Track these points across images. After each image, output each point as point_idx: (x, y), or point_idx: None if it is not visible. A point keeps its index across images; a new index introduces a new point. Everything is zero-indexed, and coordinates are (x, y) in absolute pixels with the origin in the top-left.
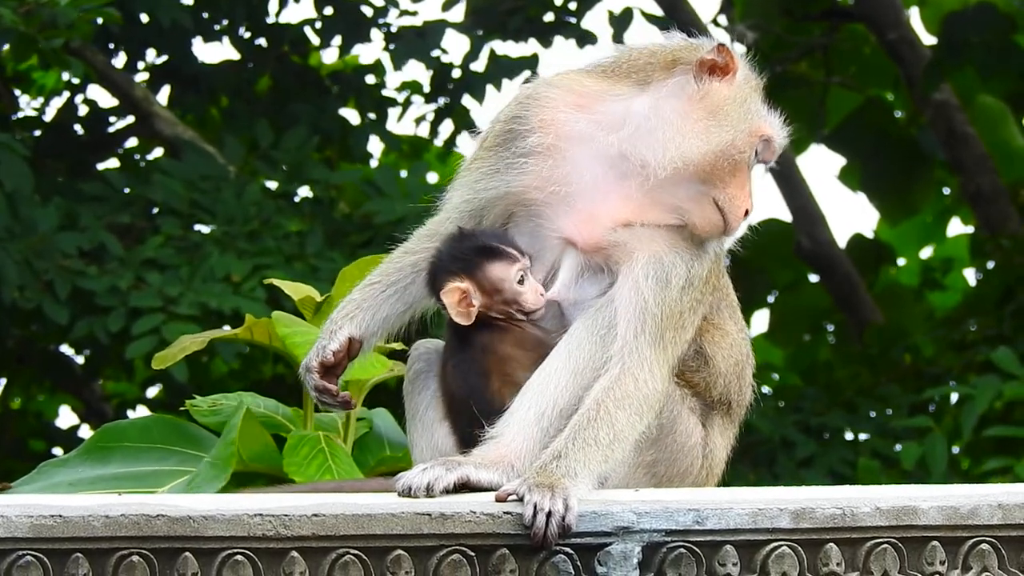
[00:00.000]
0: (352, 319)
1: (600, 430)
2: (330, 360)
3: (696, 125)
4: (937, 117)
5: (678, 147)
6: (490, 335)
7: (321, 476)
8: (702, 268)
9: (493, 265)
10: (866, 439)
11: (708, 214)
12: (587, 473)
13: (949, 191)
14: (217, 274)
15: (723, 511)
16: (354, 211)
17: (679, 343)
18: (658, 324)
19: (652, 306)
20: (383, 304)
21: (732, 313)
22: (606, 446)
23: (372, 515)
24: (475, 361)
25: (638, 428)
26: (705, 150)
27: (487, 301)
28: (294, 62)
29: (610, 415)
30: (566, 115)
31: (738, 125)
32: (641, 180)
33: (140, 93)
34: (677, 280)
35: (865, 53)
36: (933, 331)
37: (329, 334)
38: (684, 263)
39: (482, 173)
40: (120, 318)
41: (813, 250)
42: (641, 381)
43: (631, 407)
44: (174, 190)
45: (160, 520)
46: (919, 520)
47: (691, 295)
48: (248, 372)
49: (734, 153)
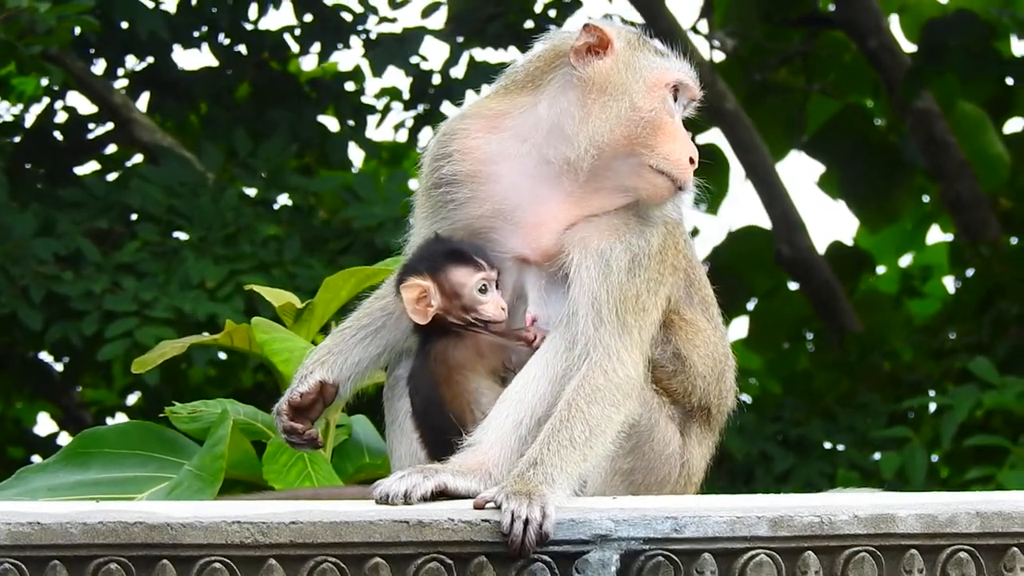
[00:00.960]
0: (323, 364)
1: (574, 429)
2: (298, 401)
3: (594, 107)
4: (917, 124)
5: (587, 134)
6: (445, 343)
7: (300, 483)
8: (647, 244)
9: (457, 269)
10: (844, 449)
11: (652, 181)
12: (565, 478)
13: (929, 198)
14: (192, 280)
15: (701, 519)
16: (333, 218)
17: (645, 326)
18: (614, 311)
19: (601, 295)
20: (355, 348)
21: (706, 309)
22: (583, 444)
23: (350, 522)
24: (428, 370)
25: (616, 419)
26: (611, 125)
27: (446, 304)
28: (273, 69)
29: (583, 412)
30: (482, 140)
31: (633, 87)
32: (571, 178)
33: (119, 99)
34: (619, 262)
35: (845, 60)
36: (912, 338)
37: (300, 378)
38: (623, 244)
39: (427, 213)
40: (94, 322)
41: (793, 257)
42: (610, 371)
43: (604, 400)
44: (152, 196)
45: (138, 527)
46: (897, 528)
47: (643, 275)
48: (228, 379)
49: (643, 114)
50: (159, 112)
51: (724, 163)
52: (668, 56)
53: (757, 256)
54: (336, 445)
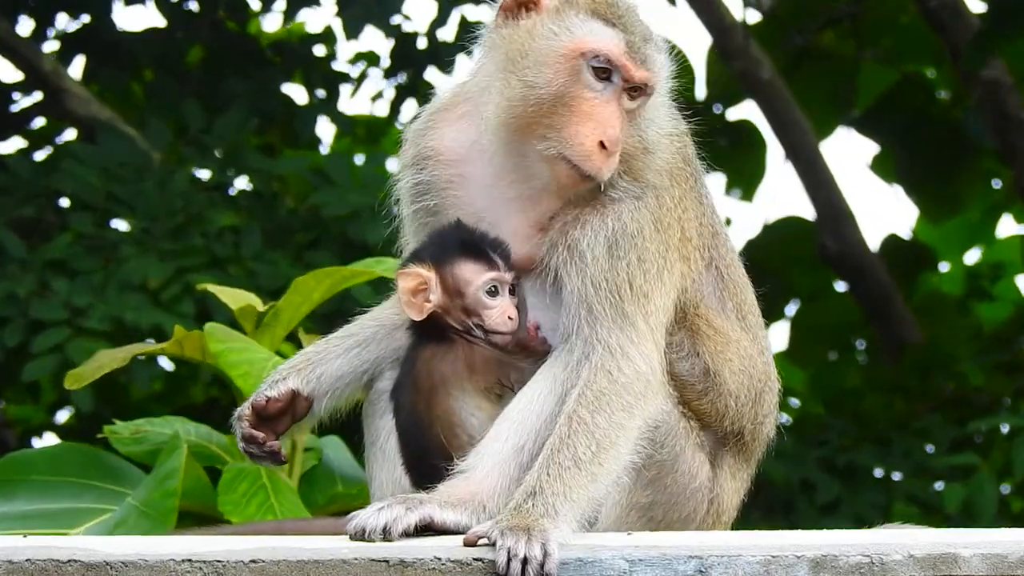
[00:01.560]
0: (299, 372)
1: (578, 446)
2: (263, 407)
3: (502, 79)
4: (986, 98)
5: (493, 112)
6: (433, 351)
7: (262, 517)
8: (623, 223)
9: (465, 264)
10: (900, 479)
11: (555, 168)
12: (570, 507)
13: (1000, 184)
14: (134, 279)
15: (730, 559)
16: (299, 205)
17: (651, 312)
18: (605, 303)
19: (587, 289)
20: (338, 359)
21: (742, 317)
22: (590, 463)
23: (319, 561)
24: (411, 382)
25: (630, 425)
26: (508, 103)
27: (445, 301)
28: (230, 30)
29: (587, 424)
30: (449, 136)
31: (542, 56)
32: (512, 165)
33: (49, 65)
34: (593, 250)
35: (901, 22)
36: (981, 352)
37: (271, 383)
38: (592, 229)
39: (415, 229)
40: (18, 331)
41: (840, 253)
42: (615, 371)
43: (611, 405)
44: (87, 180)
45: (72, 566)
46: (959, 570)
47: (629, 256)
48: (176, 394)
49: (552, 88)
50: (96, 80)
51: (759, 142)
52: (615, 21)
53: (798, 252)
54: (304, 472)
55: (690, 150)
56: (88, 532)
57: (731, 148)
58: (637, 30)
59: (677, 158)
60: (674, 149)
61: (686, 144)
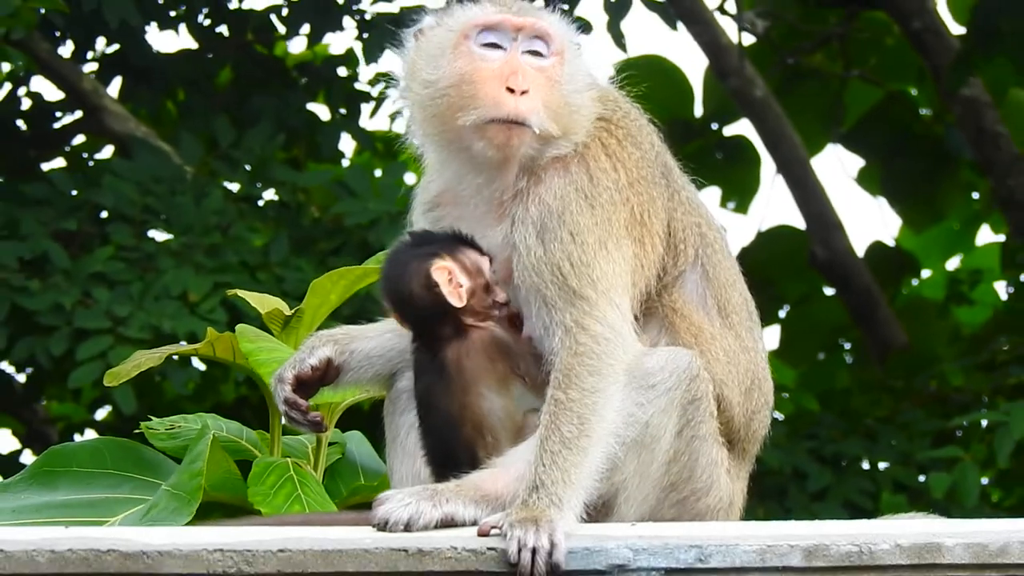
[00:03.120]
0: (336, 342)
1: (563, 428)
2: (307, 374)
3: (411, 97)
4: (965, 114)
5: (422, 129)
6: (457, 350)
7: (289, 507)
8: (548, 204)
9: (467, 249)
10: (887, 468)
11: (488, 136)
12: (572, 492)
13: (978, 195)
14: (172, 291)
15: (728, 547)
16: (323, 215)
17: (598, 277)
18: (552, 286)
19: (534, 279)
20: (376, 339)
21: (726, 315)
22: (577, 438)
23: (343, 551)
24: (447, 383)
25: (603, 388)
26: (423, 110)
27: (471, 283)
28: (258, 52)
29: (563, 403)
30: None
31: (433, 55)
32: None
33: (88, 85)
34: (528, 240)
35: (887, 43)
36: (961, 355)
37: (310, 348)
38: (523, 222)
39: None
40: (64, 340)
41: (829, 260)
42: (575, 344)
43: (579, 376)
44: (125, 194)
45: (111, 556)
46: (944, 558)
47: (560, 234)
48: (207, 393)
49: (452, 74)
50: (132, 100)
51: (754, 156)
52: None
53: (790, 259)
54: (329, 465)
55: (645, 143)
56: (125, 521)
57: (727, 162)
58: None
59: (618, 135)
60: (598, 111)
61: (641, 135)
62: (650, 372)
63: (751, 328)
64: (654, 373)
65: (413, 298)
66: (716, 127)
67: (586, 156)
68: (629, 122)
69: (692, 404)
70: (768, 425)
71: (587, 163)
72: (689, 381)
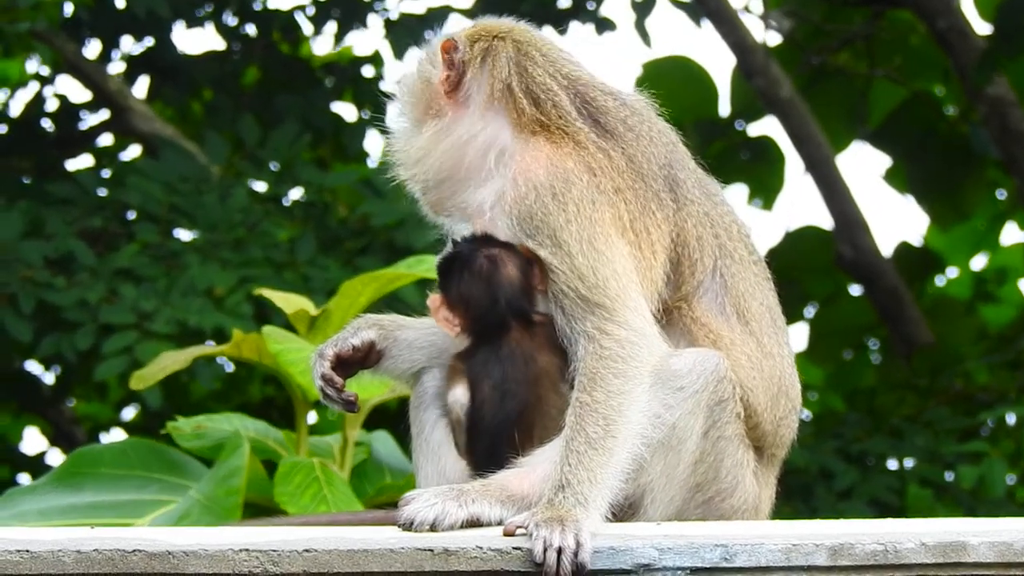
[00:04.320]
0: (383, 328)
1: (588, 428)
2: (347, 352)
3: None
4: (991, 113)
5: None
6: (530, 342)
7: (316, 507)
8: (541, 205)
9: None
10: (913, 466)
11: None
12: (598, 492)
13: (1004, 194)
14: (198, 287)
15: (753, 547)
16: (349, 214)
17: (611, 275)
18: (573, 293)
19: (557, 289)
20: (419, 331)
21: (746, 322)
22: (602, 439)
23: (368, 551)
24: (523, 373)
25: (629, 390)
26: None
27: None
28: (283, 52)
29: (588, 405)
30: None
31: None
32: None
33: (114, 85)
34: (541, 245)
35: (912, 43)
36: (987, 353)
37: (354, 329)
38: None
39: None
40: (89, 335)
41: (855, 259)
42: (599, 349)
43: (604, 378)
44: (151, 193)
45: (136, 556)
46: (968, 557)
47: (564, 237)
48: (233, 393)
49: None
50: (158, 99)
51: (779, 156)
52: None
53: (816, 258)
54: (355, 465)
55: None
56: (153, 523)
57: (752, 161)
58: None
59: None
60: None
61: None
62: (678, 374)
63: (774, 334)
64: (682, 375)
65: (505, 285)
66: (742, 126)
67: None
68: (624, 131)
69: (719, 405)
70: (795, 429)
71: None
72: (716, 383)
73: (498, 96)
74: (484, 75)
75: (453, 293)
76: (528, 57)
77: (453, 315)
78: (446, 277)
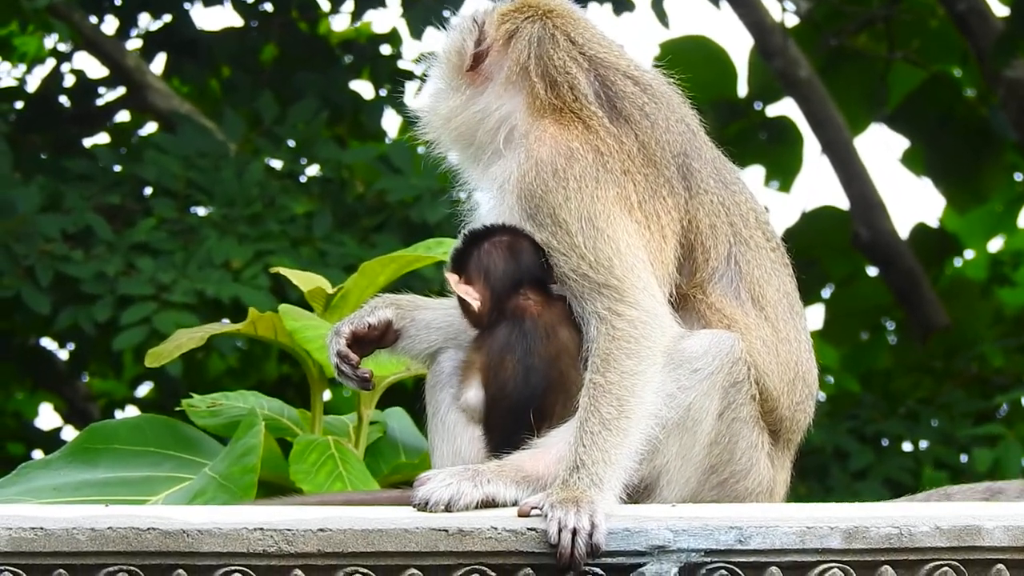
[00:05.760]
0: (400, 307)
1: (602, 409)
2: (363, 330)
3: None
4: (1009, 95)
5: None
6: (550, 315)
7: (331, 485)
8: (541, 192)
9: None
10: (928, 447)
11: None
12: (612, 473)
13: (1022, 176)
14: (215, 260)
15: (768, 529)
16: (366, 191)
17: (616, 253)
18: (581, 273)
19: (564, 270)
20: (437, 311)
21: (761, 308)
22: (616, 419)
23: (383, 530)
24: (545, 347)
25: (642, 370)
26: None
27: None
28: (302, 30)
29: (601, 386)
30: None
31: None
32: None
33: (132, 62)
34: (541, 228)
35: (931, 25)
36: (1003, 336)
37: (372, 307)
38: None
39: None
40: (107, 307)
41: (872, 240)
42: (611, 329)
43: (617, 359)
44: (168, 168)
45: (151, 534)
46: (983, 541)
47: (564, 224)
48: (249, 371)
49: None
50: (176, 76)
51: (797, 137)
52: None
53: (833, 239)
54: (370, 443)
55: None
56: (167, 500)
57: (770, 142)
58: None
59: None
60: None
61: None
62: (693, 355)
63: (791, 320)
64: (698, 357)
65: (524, 252)
66: (760, 107)
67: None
68: (640, 117)
69: (734, 387)
70: (812, 415)
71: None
72: (731, 364)
73: (515, 78)
74: (505, 56)
75: (473, 264)
76: (552, 39)
77: (473, 288)
78: (465, 253)
